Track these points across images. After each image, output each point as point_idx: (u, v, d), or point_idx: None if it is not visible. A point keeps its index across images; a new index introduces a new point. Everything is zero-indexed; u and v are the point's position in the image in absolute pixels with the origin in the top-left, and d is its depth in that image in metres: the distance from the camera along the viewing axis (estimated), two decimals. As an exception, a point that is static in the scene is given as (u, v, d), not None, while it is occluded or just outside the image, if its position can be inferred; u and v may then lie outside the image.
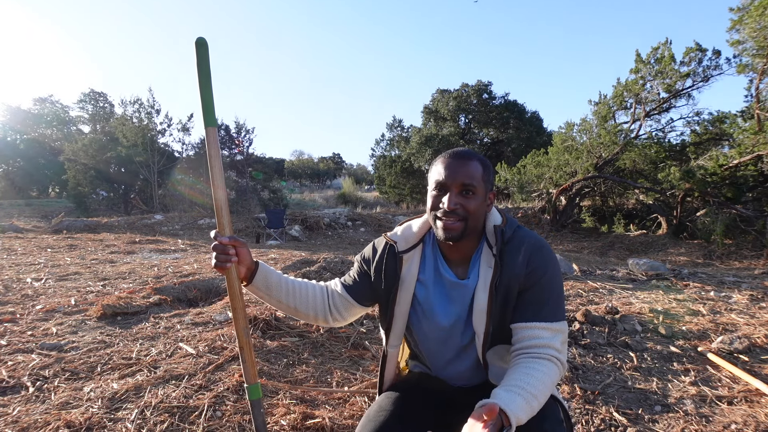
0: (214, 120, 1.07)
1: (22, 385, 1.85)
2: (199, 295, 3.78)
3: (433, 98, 21.33)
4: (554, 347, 1.02)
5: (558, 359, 1.02)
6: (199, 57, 1.06)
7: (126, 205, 16.60)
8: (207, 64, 1.07)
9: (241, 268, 1.13)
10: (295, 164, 46.07)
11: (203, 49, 1.06)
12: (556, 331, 1.04)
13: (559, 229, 12.22)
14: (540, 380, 0.96)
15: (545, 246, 1.12)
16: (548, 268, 1.08)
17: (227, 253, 1.07)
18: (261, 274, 1.17)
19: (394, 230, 1.24)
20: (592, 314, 2.83)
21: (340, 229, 12.14)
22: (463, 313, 1.15)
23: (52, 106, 25.91)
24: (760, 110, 8.39)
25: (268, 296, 1.19)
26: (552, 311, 1.05)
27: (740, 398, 1.90)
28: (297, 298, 1.21)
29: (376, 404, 1.17)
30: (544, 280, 1.07)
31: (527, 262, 1.07)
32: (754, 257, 7.97)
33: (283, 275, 1.23)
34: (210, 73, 1.08)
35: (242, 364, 1.11)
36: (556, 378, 1.01)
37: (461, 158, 1.09)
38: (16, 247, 6.29)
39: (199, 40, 1.06)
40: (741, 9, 8.18)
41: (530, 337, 1.03)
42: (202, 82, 1.06)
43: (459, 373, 1.22)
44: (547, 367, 1.00)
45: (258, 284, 1.17)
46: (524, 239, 1.10)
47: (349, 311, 1.26)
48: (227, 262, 1.07)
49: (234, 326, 1.10)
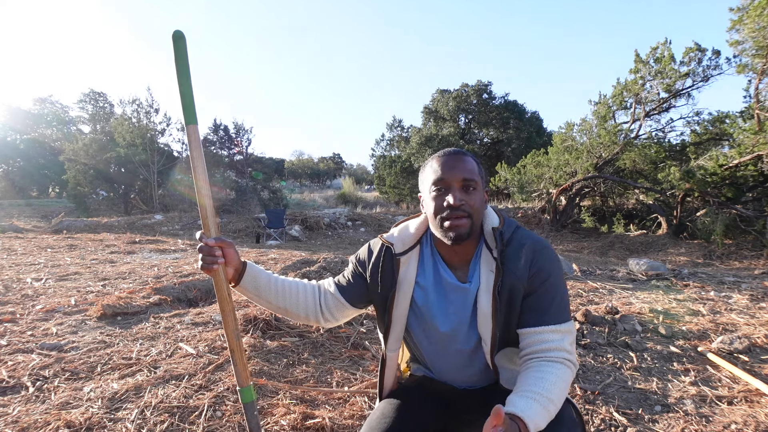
0: (194, 117, 1.03)
1: (22, 385, 1.85)
2: (199, 295, 3.78)
3: (433, 98, 21.35)
4: (564, 349, 1.00)
5: (570, 360, 1.00)
6: (176, 51, 1.01)
7: (126, 205, 16.59)
8: (185, 59, 1.03)
9: (229, 269, 1.10)
10: (295, 164, 46.07)
11: (181, 42, 1.02)
12: (564, 332, 1.02)
13: (559, 229, 12.22)
14: (554, 384, 0.94)
15: (546, 246, 1.09)
16: (552, 270, 1.05)
17: (214, 254, 1.05)
18: (249, 274, 1.14)
19: (391, 231, 1.20)
20: (592, 314, 2.83)
21: (340, 229, 12.14)
22: (465, 318, 1.12)
23: (52, 106, 25.92)
24: (759, 110, 8.39)
25: (258, 297, 1.17)
26: (558, 313, 1.03)
27: (740, 398, 1.90)
28: (287, 299, 1.18)
29: (378, 411, 1.15)
30: (548, 282, 1.04)
31: (530, 265, 1.05)
32: (754, 257, 7.97)
33: (273, 275, 1.20)
34: (189, 67, 1.03)
35: (234, 367, 1.08)
36: (569, 380, 0.99)
37: (456, 155, 1.08)
38: (16, 247, 6.29)
39: (176, 33, 1.01)
40: (740, 9, 8.18)
41: (539, 342, 1.01)
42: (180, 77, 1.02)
43: (466, 377, 1.20)
44: (560, 369, 0.98)
45: (246, 285, 1.14)
46: (525, 241, 1.07)
47: (342, 313, 1.23)
48: (214, 264, 1.04)
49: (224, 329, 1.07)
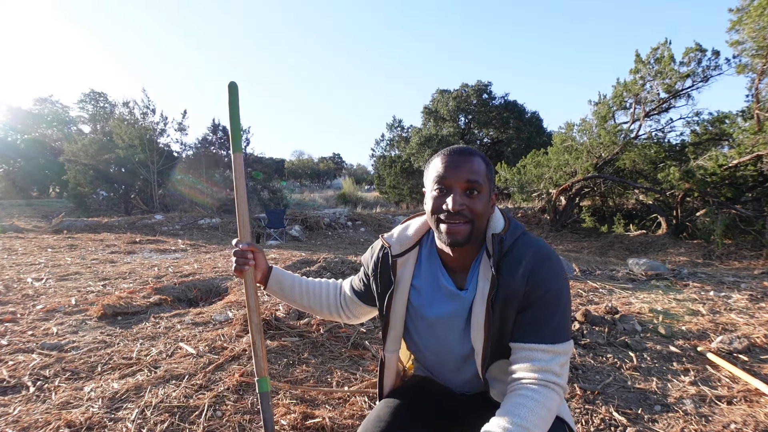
0: (240, 147, 1.26)
1: (22, 385, 1.86)
2: (199, 295, 3.78)
3: (432, 98, 21.34)
4: (552, 371, 0.94)
5: (556, 384, 0.94)
6: (231, 97, 1.26)
7: (126, 205, 16.58)
8: (237, 103, 1.27)
9: (257, 272, 1.26)
10: (295, 164, 46.10)
11: (234, 90, 1.27)
12: (556, 353, 0.95)
13: (559, 229, 12.23)
14: (534, 412, 0.89)
15: (550, 258, 1.00)
16: (552, 284, 0.97)
17: (246, 257, 1.21)
18: (274, 278, 1.30)
19: (391, 231, 1.19)
20: (591, 314, 2.83)
21: (340, 229, 12.14)
22: (459, 325, 1.09)
23: (53, 106, 25.90)
24: (759, 110, 8.39)
25: (283, 297, 1.33)
26: (554, 332, 0.96)
27: (740, 398, 1.90)
28: (311, 299, 1.34)
29: (374, 412, 1.13)
30: (546, 297, 0.97)
31: (527, 278, 0.97)
32: (754, 257, 7.97)
33: (297, 277, 1.35)
34: (239, 109, 1.27)
35: (254, 357, 1.23)
36: (553, 405, 0.93)
37: (463, 154, 1.01)
38: (16, 247, 6.29)
39: (231, 84, 1.26)
40: (740, 9, 8.20)
41: (527, 359, 0.96)
42: (232, 116, 1.26)
43: (462, 382, 1.18)
44: (542, 395, 0.92)
45: (273, 286, 1.31)
46: (526, 250, 1.00)
47: (359, 310, 1.33)
48: (245, 265, 1.21)
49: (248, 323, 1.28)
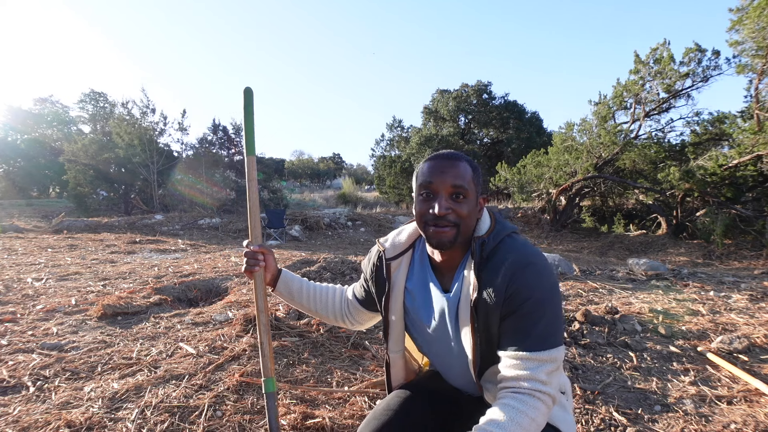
0: (254, 150, 1.29)
1: (22, 385, 1.86)
2: (199, 295, 3.78)
3: (432, 98, 21.34)
4: (537, 379, 0.92)
5: (542, 392, 0.92)
6: (246, 102, 1.28)
7: (126, 205, 16.58)
8: (252, 108, 1.29)
9: (267, 274, 1.26)
10: (295, 164, 46.09)
11: (249, 95, 1.29)
12: (542, 361, 0.93)
13: (559, 229, 12.23)
14: (518, 423, 0.88)
15: (533, 263, 0.96)
16: (534, 291, 0.94)
17: (256, 258, 1.22)
18: (283, 281, 1.31)
19: (387, 235, 1.22)
20: (591, 314, 2.83)
21: (340, 229, 12.13)
22: (449, 327, 1.09)
23: (53, 106, 25.85)
24: (759, 110, 8.39)
25: (292, 300, 1.34)
26: (538, 340, 0.93)
27: (740, 398, 1.90)
28: (318, 304, 1.34)
29: (384, 402, 1.17)
30: (528, 305, 0.94)
31: (507, 284, 0.95)
32: (754, 257, 7.97)
33: (305, 281, 1.36)
34: (254, 113, 1.30)
35: (261, 357, 1.23)
36: (538, 414, 0.91)
37: (449, 159, 1.01)
38: (16, 247, 6.29)
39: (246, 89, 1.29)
40: (740, 9, 8.19)
41: (512, 367, 0.94)
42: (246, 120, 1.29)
43: (464, 382, 1.18)
44: (527, 404, 0.90)
45: (281, 289, 1.32)
46: (507, 256, 0.97)
47: (361, 316, 1.33)
48: (255, 266, 1.21)
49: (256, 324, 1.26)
